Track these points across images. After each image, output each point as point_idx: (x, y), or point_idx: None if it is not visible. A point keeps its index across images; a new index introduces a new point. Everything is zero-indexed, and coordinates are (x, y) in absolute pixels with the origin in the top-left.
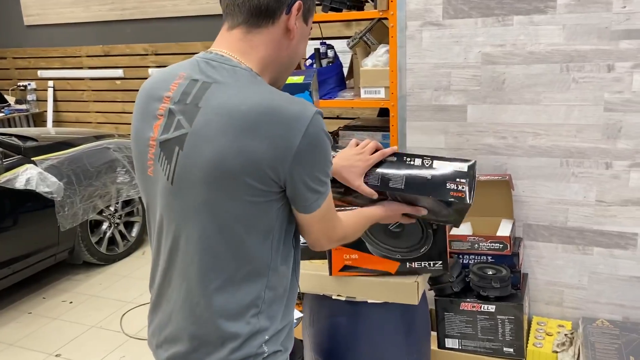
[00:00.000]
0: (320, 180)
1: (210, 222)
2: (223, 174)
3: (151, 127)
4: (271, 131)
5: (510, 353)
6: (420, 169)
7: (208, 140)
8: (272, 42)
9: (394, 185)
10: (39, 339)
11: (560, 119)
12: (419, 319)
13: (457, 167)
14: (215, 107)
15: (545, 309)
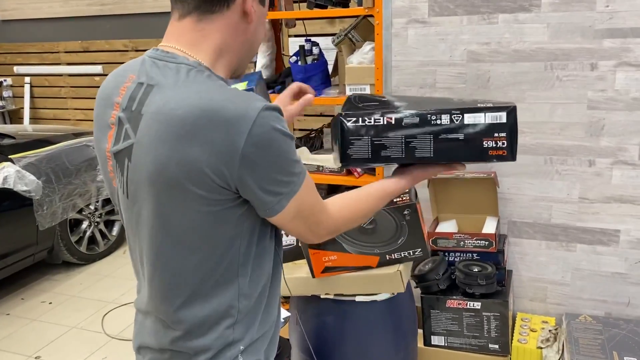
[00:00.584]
0: (279, 181)
1: (164, 237)
2: (168, 185)
3: (106, 137)
4: (211, 136)
5: (496, 349)
6: (449, 127)
7: (149, 150)
8: (228, 28)
9: (421, 155)
10: (18, 341)
11: (544, 117)
12: (405, 316)
13: (493, 118)
14: (154, 112)
15: (530, 305)
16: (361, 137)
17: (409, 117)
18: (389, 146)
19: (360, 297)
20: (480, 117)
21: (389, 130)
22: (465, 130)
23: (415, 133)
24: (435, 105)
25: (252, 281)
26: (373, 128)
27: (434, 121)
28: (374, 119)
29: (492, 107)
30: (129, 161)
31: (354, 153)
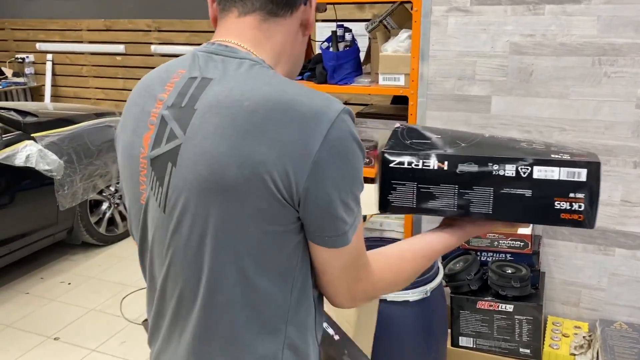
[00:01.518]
0: (346, 204)
1: (213, 260)
2: (224, 191)
3: (141, 141)
4: (282, 134)
5: (527, 354)
6: (514, 181)
7: (204, 150)
8: (288, 35)
9: (477, 210)
10: (37, 321)
11: (588, 114)
12: (437, 316)
13: (570, 175)
14: (212, 105)
15: (561, 309)
16: (406, 182)
17: (465, 164)
18: (438, 197)
19: (392, 296)
20: (554, 173)
21: (440, 177)
22: (534, 187)
23: (471, 184)
24: (499, 150)
25: (302, 329)
26: (421, 172)
27: (495, 171)
28: (423, 162)
29: (569, 160)
30: (174, 166)
31: (395, 200)
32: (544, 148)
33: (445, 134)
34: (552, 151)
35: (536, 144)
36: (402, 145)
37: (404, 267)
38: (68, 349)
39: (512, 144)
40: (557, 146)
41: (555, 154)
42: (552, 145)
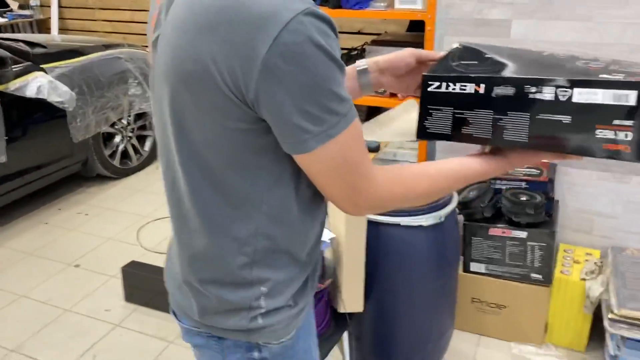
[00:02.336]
0: (307, 112)
1: (178, 149)
2: (184, 82)
3: (151, 22)
4: (232, 33)
5: (538, 279)
6: (552, 105)
7: (170, 41)
8: None
9: (512, 138)
10: (57, 249)
11: (612, 37)
12: (450, 242)
13: (615, 98)
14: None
15: (573, 237)
16: (442, 107)
17: (501, 87)
18: (473, 123)
19: (406, 220)
20: (597, 95)
21: (476, 101)
22: (574, 113)
23: (507, 109)
24: (543, 70)
25: (278, 222)
26: (457, 97)
27: (532, 94)
28: (460, 85)
29: (617, 81)
30: (155, 52)
31: (432, 126)
32: (602, 66)
33: (502, 53)
34: (607, 70)
35: (597, 62)
36: (445, 68)
37: (421, 182)
38: (89, 275)
39: (565, 62)
40: (620, 64)
41: (606, 74)
42: (615, 64)
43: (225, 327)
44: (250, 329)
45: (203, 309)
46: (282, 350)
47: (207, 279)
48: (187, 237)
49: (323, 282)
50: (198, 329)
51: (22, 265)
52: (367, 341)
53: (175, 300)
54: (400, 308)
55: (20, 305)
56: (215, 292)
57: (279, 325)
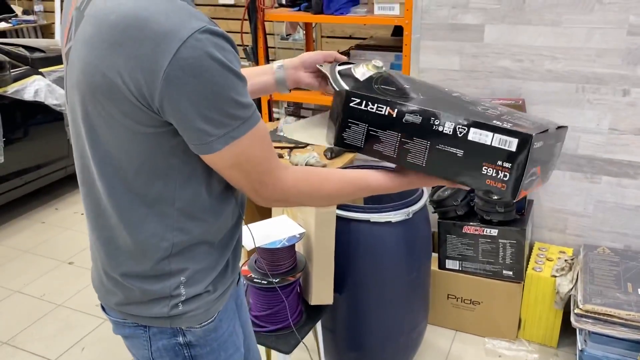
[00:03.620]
0: (209, 118)
1: (92, 153)
2: (94, 94)
3: (63, 33)
4: (137, 49)
5: (510, 276)
6: (450, 138)
7: (80, 55)
8: None
9: (413, 161)
10: (53, 247)
11: (580, 42)
12: (420, 237)
13: (501, 142)
14: (91, 14)
15: (548, 236)
16: (359, 122)
17: (411, 115)
18: (383, 141)
19: (375, 217)
20: (488, 137)
21: (388, 123)
22: (467, 147)
23: (413, 135)
24: (449, 107)
25: (192, 217)
26: (373, 116)
27: (435, 126)
28: (377, 106)
29: (505, 128)
30: (68, 65)
31: (348, 137)
32: (497, 114)
33: (414, 85)
34: (499, 118)
35: (494, 110)
36: (368, 88)
37: (325, 185)
38: (82, 272)
39: (468, 105)
40: (513, 115)
41: (499, 121)
42: (511, 114)
43: (149, 316)
44: (172, 316)
45: (127, 301)
46: (206, 334)
47: (128, 273)
48: (108, 233)
49: (294, 274)
50: (125, 320)
51: (18, 262)
52: (340, 333)
53: (101, 295)
54: (371, 301)
55: (14, 300)
56: (138, 285)
57: (199, 310)
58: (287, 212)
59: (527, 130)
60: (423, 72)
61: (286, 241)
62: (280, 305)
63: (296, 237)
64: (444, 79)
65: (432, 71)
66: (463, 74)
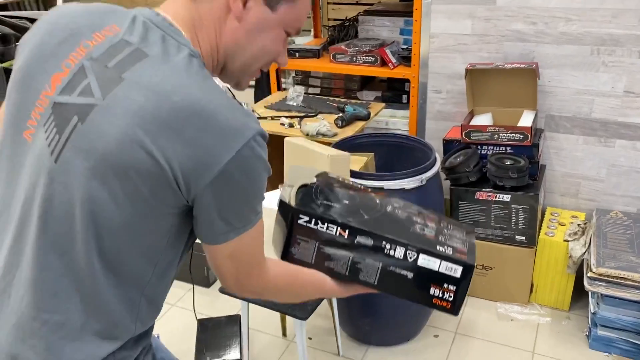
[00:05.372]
0: (239, 213)
1: (87, 225)
2: (123, 171)
3: (49, 77)
4: (199, 138)
5: (522, 241)
6: (400, 262)
7: (118, 123)
8: (214, 18)
9: (365, 278)
10: None
11: (595, 2)
12: (433, 204)
13: (447, 269)
14: (143, 84)
15: (560, 201)
16: (309, 240)
17: (363, 237)
18: (334, 259)
19: (388, 184)
20: (435, 264)
21: (339, 243)
22: (416, 271)
23: (365, 255)
24: (395, 230)
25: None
26: (323, 235)
27: (387, 250)
28: (328, 226)
29: (450, 256)
30: (80, 122)
31: (298, 253)
32: (433, 234)
33: (354, 200)
34: (439, 241)
35: (428, 228)
36: (313, 205)
37: (295, 284)
38: None
39: (408, 224)
40: (445, 234)
41: (441, 246)
42: (442, 232)
43: None
44: None
45: None
46: None
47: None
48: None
49: None
50: None
51: None
52: (353, 300)
53: None
54: None
55: None
56: None
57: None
58: None
59: (468, 258)
60: (434, 37)
61: None
62: None
63: None
64: (455, 44)
65: (443, 36)
66: (475, 38)
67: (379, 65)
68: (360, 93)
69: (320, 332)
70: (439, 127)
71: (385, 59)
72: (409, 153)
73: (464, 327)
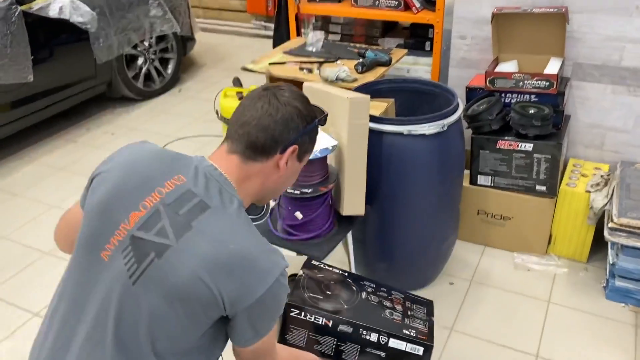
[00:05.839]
0: (265, 325)
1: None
2: (188, 300)
3: (127, 213)
4: (245, 277)
5: (543, 191)
6: (375, 344)
7: (190, 264)
8: (262, 173)
9: (347, 358)
10: (86, 166)
11: None
12: (454, 151)
13: (412, 349)
14: (207, 233)
15: (584, 152)
16: (300, 328)
17: (343, 325)
18: (322, 343)
19: (409, 129)
20: (402, 345)
21: (324, 330)
22: (388, 351)
23: (346, 340)
24: (369, 318)
25: None
26: (312, 324)
27: (363, 335)
28: (315, 317)
29: (414, 339)
30: (157, 258)
31: (291, 339)
32: (400, 318)
33: (334, 290)
34: (404, 324)
35: (396, 312)
36: (302, 300)
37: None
38: None
39: (380, 310)
40: (409, 316)
41: (406, 329)
42: (407, 314)
43: None
44: None
45: None
46: None
47: None
48: None
49: (327, 185)
50: None
51: (54, 180)
52: (370, 245)
53: None
54: (402, 213)
55: (53, 215)
56: None
57: None
58: None
59: (428, 339)
60: None
61: (319, 153)
62: (312, 215)
63: (328, 149)
64: None
65: None
66: None
67: (402, 9)
68: (381, 40)
69: None
70: (462, 74)
71: (408, 2)
72: (431, 100)
73: (479, 276)
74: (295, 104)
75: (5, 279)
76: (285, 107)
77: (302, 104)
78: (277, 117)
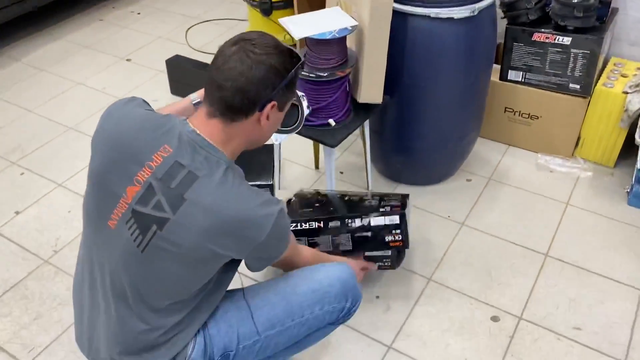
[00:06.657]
0: (272, 256)
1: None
2: (196, 260)
3: (124, 188)
4: (245, 233)
5: (576, 90)
6: (361, 228)
7: (190, 234)
8: (245, 131)
9: (344, 248)
10: (111, 44)
11: None
12: (484, 40)
13: (390, 220)
14: (200, 204)
15: (628, 50)
16: (301, 237)
17: (333, 221)
18: (320, 243)
19: (436, 11)
20: (382, 220)
21: (319, 231)
22: (372, 230)
23: (338, 233)
24: (351, 209)
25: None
26: (308, 230)
27: (350, 224)
28: (309, 223)
29: (389, 212)
30: (159, 230)
31: None
32: (377, 201)
33: (321, 203)
34: (381, 205)
35: (374, 200)
36: (296, 214)
37: (317, 257)
38: (139, 69)
39: (360, 202)
40: (385, 200)
41: (382, 207)
42: (384, 199)
43: None
44: None
45: None
46: None
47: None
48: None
49: (344, 70)
50: None
51: (79, 57)
52: (387, 136)
53: None
54: (423, 105)
55: (78, 91)
56: None
57: None
58: (340, 3)
59: (402, 209)
60: None
61: (337, 33)
62: (328, 100)
63: (348, 29)
64: None
65: None
66: None
67: None
68: None
69: (351, 167)
70: None
71: None
72: None
73: (499, 174)
74: (269, 61)
75: (32, 150)
76: (258, 66)
77: (275, 58)
78: (251, 77)
